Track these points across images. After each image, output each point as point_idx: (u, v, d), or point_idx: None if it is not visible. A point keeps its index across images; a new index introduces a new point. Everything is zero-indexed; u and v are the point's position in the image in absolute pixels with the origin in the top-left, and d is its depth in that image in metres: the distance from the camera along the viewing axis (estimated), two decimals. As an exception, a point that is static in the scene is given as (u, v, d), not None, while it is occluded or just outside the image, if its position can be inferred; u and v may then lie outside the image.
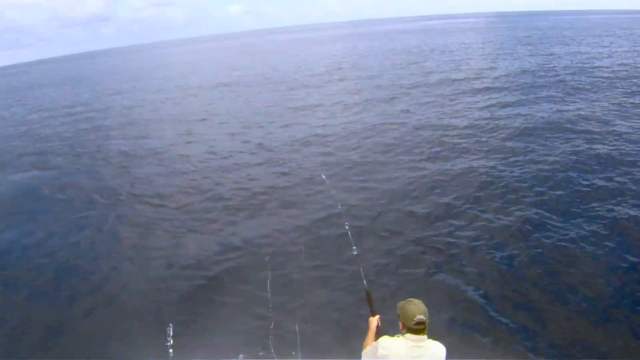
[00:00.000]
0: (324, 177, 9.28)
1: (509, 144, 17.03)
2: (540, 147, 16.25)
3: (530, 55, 42.67)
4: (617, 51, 41.46)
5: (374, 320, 4.52)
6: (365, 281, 4.98)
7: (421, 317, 3.84)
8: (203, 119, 27.30)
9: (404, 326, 3.95)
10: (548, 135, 17.58)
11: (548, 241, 10.17)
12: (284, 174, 16.13)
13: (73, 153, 22.27)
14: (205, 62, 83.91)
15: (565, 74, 30.38)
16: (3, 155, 23.44)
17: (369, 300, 4.77)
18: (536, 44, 52.96)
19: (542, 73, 31.67)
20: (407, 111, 23.87)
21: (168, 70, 70.76)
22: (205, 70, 63.20)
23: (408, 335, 3.89)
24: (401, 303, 4.04)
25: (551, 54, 41.90)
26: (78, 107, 38.28)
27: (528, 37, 65.55)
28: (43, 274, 11.05)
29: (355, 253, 5.56)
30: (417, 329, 3.86)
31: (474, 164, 15.22)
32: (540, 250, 9.93)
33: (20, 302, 9.99)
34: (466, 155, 16.23)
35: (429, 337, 3.96)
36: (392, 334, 4.05)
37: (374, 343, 4.08)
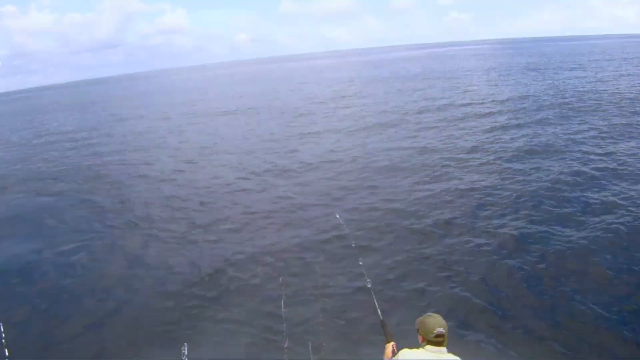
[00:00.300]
0: (337, 216, 9.33)
1: (509, 164, 17.28)
2: (540, 167, 16.54)
3: (534, 80, 42.91)
4: (616, 74, 41.78)
5: (389, 346, 4.55)
6: (379, 311, 5.03)
7: (441, 329, 3.88)
8: (208, 146, 27.38)
9: (423, 339, 3.97)
10: (547, 155, 17.93)
11: (548, 252, 10.39)
12: (290, 197, 16.08)
13: (75, 178, 22.24)
14: (211, 89, 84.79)
15: (567, 98, 30.60)
16: (6, 179, 23.48)
17: (384, 327, 4.80)
18: (541, 70, 53.30)
19: (545, 97, 31.87)
20: (413, 136, 23.92)
21: (174, 96, 71.48)
22: (211, 97, 63.78)
23: (428, 347, 3.91)
24: (420, 318, 4.08)
25: (554, 79, 42.15)
26: (83, 132, 38.62)
27: (532, 62, 66.04)
28: (40, 295, 10.92)
29: (369, 286, 5.62)
30: (436, 341, 3.89)
31: (477, 184, 15.32)
32: (541, 261, 10.11)
33: (16, 322, 9.86)
34: (469, 175, 16.40)
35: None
36: (411, 347, 4.05)
37: (394, 357, 4.08)
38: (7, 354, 5.55)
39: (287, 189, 17.02)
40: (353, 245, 9.11)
